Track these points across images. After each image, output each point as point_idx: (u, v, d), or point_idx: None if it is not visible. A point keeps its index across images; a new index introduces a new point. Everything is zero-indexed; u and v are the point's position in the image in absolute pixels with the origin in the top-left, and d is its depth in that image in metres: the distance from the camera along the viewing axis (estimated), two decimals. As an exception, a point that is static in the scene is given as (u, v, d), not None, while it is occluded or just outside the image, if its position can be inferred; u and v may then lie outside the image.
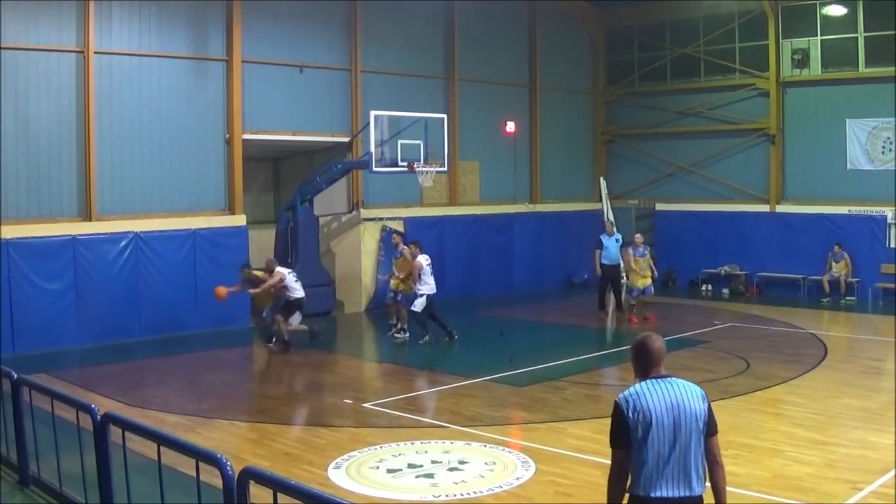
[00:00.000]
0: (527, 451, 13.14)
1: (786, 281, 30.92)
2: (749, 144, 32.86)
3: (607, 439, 14.36)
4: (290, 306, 21.01)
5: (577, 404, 16.46)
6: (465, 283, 29.72)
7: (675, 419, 6.52)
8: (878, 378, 18.82)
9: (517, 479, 11.89)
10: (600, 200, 34.91)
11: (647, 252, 25.60)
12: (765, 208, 32.08)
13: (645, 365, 6.86)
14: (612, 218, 33.06)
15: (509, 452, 13.07)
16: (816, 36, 31.30)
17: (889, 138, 29.80)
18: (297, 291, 20.99)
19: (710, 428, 6.64)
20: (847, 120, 30.60)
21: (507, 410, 16.49)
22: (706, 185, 33.52)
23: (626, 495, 6.84)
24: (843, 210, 30.19)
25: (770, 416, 16.13)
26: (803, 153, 31.72)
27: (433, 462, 12.56)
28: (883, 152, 30.02)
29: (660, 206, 34.27)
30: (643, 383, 6.76)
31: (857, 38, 30.46)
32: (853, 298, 29.49)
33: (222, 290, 21.03)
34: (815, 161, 31.33)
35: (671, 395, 6.62)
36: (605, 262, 26.55)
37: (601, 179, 35.09)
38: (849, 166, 30.73)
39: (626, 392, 6.83)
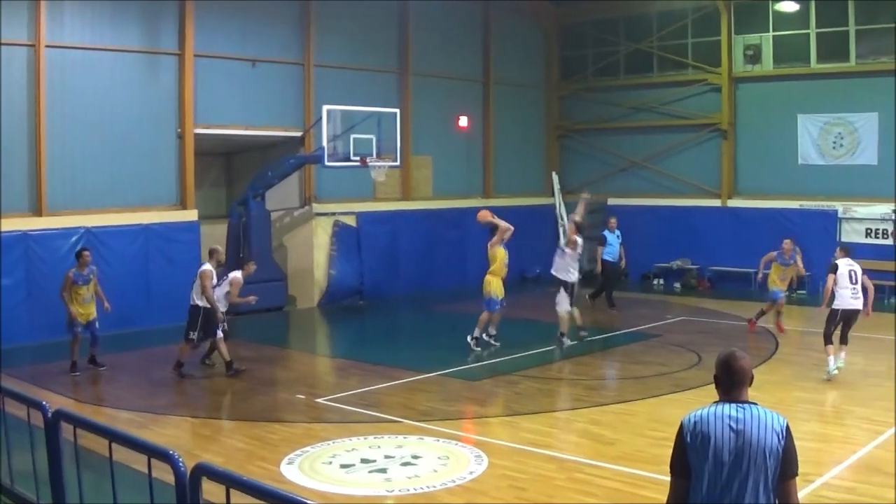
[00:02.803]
0: (480, 445, 13.20)
1: (737, 275, 31.12)
2: (701, 139, 33.07)
3: (560, 433, 14.52)
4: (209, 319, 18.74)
5: (531, 398, 16.51)
6: (418, 278, 29.76)
7: (738, 452, 5.77)
8: (821, 372, 18.96)
9: (470, 473, 11.92)
10: (553, 195, 35.01)
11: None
12: (716, 203, 32.30)
13: (723, 384, 6.07)
14: (563, 212, 33.17)
15: (462, 447, 13.11)
16: (768, 32, 31.60)
17: (840, 133, 30.10)
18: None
19: (786, 469, 5.78)
20: (799, 115, 30.90)
21: (461, 405, 16.51)
22: (659, 179, 33.69)
23: None
24: (794, 205, 30.44)
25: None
26: (755, 148, 31.98)
27: (386, 457, 12.58)
28: (834, 147, 30.32)
29: (612, 201, 34.35)
30: (714, 405, 6.01)
31: (808, 34, 30.75)
32: (804, 292, 29.69)
33: None
34: (767, 156, 31.61)
35: (739, 422, 5.83)
36: (607, 258, 26.70)
37: (553, 174, 35.17)
38: (800, 161, 31.02)
39: (694, 412, 6.07)
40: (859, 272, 18.89)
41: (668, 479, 11.03)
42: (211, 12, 25.14)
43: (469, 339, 20.50)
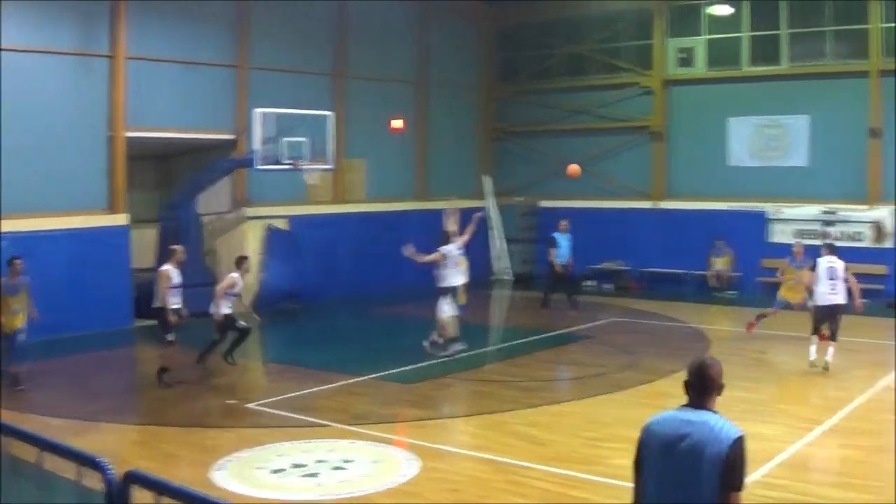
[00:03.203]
0: (414, 447, 13.18)
1: (669, 276, 31.34)
2: (634, 142, 33.32)
3: (494, 434, 14.55)
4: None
5: (464, 400, 16.58)
6: (352, 281, 29.64)
7: (684, 456, 5.83)
8: (760, 370, 19.18)
9: (403, 476, 11.91)
10: (485, 198, 35.09)
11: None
12: (648, 204, 32.54)
13: (691, 390, 6.22)
14: (491, 214, 33.31)
15: (395, 450, 13.10)
16: (701, 35, 31.95)
17: (771, 135, 30.46)
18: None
19: (726, 480, 5.72)
20: (730, 118, 31.27)
21: (395, 408, 16.47)
22: (592, 181, 33.79)
23: None
24: (724, 206, 30.77)
25: (655, 409, 15.96)
26: (687, 150, 32.31)
27: (318, 461, 12.53)
28: (765, 149, 30.66)
29: (545, 203, 34.50)
30: (676, 409, 6.18)
31: (741, 37, 31.12)
32: (735, 292, 30.00)
33: None
34: (699, 158, 31.95)
35: (690, 427, 5.92)
36: (557, 259, 26.73)
37: (485, 177, 35.23)
38: (731, 163, 31.41)
39: (657, 414, 6.31)
40: (840, 269, 19.05)
41: (601, 479, 11.17)
42: (144, 14, 24.87)
43: (426, 343, 20.48)
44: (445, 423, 14.93)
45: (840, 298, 19.00)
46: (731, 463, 5.74)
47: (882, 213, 28.68)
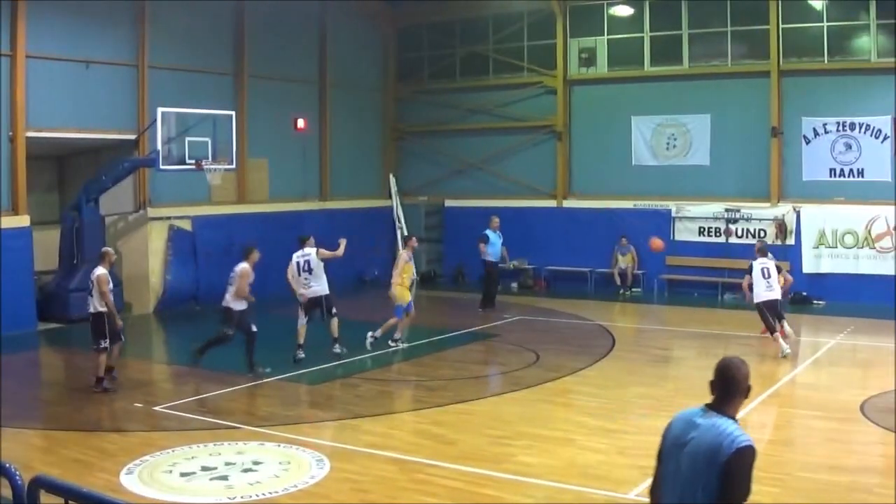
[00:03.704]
0: (321, 449, 13.14)
1: (573, 274, 31.59)
2: (537, 141, 33.48)
3: (401, 434, 14.56)
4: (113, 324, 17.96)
5: (371, 401, 16.53)
6: (255, 282, 29.27)
7: (687, 457, 5.85)
8: (665, 366, 19.42)
9: (312, 477, 11.87)
10: (390, 197, 35.09)
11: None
12: (552, 204, 32.73)
13: (715, 390, 6.13)
14: (400, 214, 33.33)
15: (304, 451, 13.03)
16: (603, 35, 32.24)
17: (673, 135, 30.85)
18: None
19: (724, 490, 5.64)
20: (632, 117, 31.60)
21: (301, 409, 16.44)
22: (495, 181, 33.98)
23: None
24: (628, 205, 31.11)
25: (561, 406, 16.49)
26: (589, 149, 32.58)
27: (227, 464, 12.44)
28: (667, 148, 31.07)
29: (449, 203, 34.60)
30: (697, 408, 6.11)
31: (642, 37, 31.44)
32: (639, 290, 30.36)
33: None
34: (601, 157, 32.24)
35: (698, 430, 5.90)
36: (490, 258, 26.74)
37: (390, 176, 35.25)
38: (634, 162, 31.71)
39: (684, 410, 6.23)
40: (772, 268, 20.34)
41: (510, 477, 11.26)
42: (43, 13, 24.48)
43: (369, 335, 20.78)
44: (352, 423, 14.88)
45: (775, 293, 20.29)
46: (731, 472, 5.64)
47: (784, 210, 29.14)
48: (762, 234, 29.38)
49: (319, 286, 20.51)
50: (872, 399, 16.25)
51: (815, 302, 27.90)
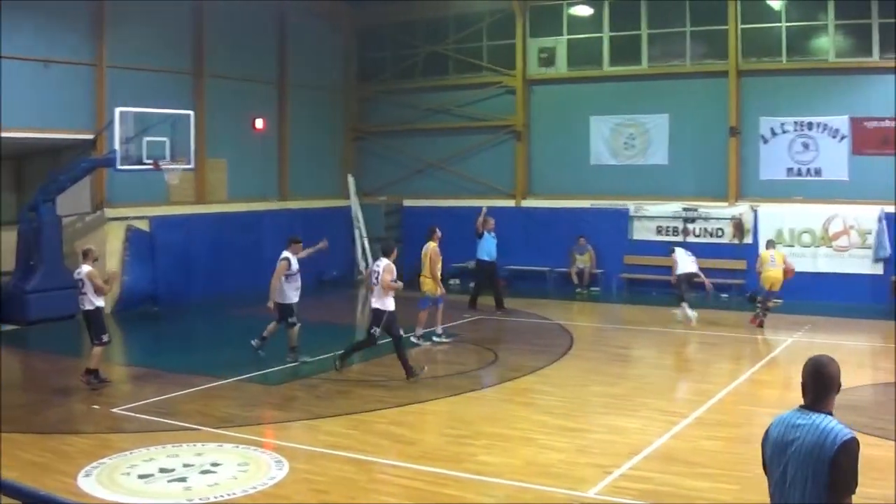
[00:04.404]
0: (280, 450, 13.09)
1: (533, 273, 31.65)
2: (496, 141, 33.55)
3: (360, 434, 14.51)
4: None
5: (330, 401, 16.48)
6: (214, 283, 29.29)
7: (791, 458, 5.88)
8: (624, 365, 19.47)
9: (271, 478, 11.82)
10: (349, 198, 35.03)
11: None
12: (511, 203, 32.79)
13: (807, 391, 6.17)
14: (359, 215, 33.28)
15: (263, 452, 12.98)
16: (563, 35, 32.30)
17: (632, 134, 30.99)
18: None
19: (836, 483, 5.68)
20: (591, 117, 31.72)
21: (260, 410, 16.35)
22: (455, 181, 34.00)
23: None
24: (587, 204, 31.23)
25: (521, 405, 16.49)
26: (549, 149, 32.70)
27: (185, 465, 12.37)
28: (626, 148, 31.25)
29: (408, 203, 34.58)
30: (792, 411, 6.14)
31: (602, 37, 31.56)
32: (598, 289, 30.44)
33: None
34: (561, 157, 32.38)
35: (798, 430, 5.92)
36: (484, 257, 26.72)
37: (349, 177, 35.19)
38: (593, 162, 31.85)
39: (779, 415, 6.24)
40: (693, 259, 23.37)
41: (470, 476, 11.24)
42: (1, 12, 24.33)
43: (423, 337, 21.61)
44: (311, 424, 14.83)
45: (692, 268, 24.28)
46: (840, 466, 5.68)
47: (741, 209, 29.32)
48: (720, 233, 29.57)
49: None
50: (830, 396, 16.33)
51: (772, 300, 28.00)
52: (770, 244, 24.66)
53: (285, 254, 19.81)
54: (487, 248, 26.99)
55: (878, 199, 27.78)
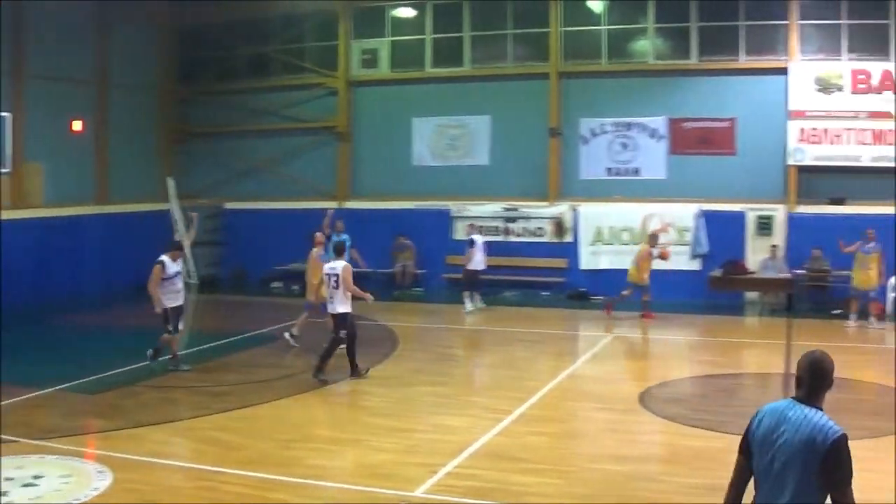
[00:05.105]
0: (104, 460, 12.81)
1: (357, 274, 31.21)
2: (320, 143, 33.51)
3: (186, 441, 14.33)
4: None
5: (154, 409, 16.20)
6: (30, 289, 28.55)
7: (780, 450, 6.03)
8: (450, 364, 19.59)
9: (95, 489, 11.58)
10: (169, 200, 34.54)
11: None
12: (334, 205, 32.64)
13: (801, 384, 6.23)
14: (178, 217, 32.84)
15: (86, 463, 12.72)
16: (386, 37, 32.39)
17: (454, 135, 31.26)
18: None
19: (829, 478, 5.88)
20: (414, 118, 31.85)
21: (83, 419, 15.97)
22: (278, 183, 33.80)
23: None
24: (410, 205, 31.33)
25: (348, 407, 16.52)
26: (372, 151, 32.81)
27: (6, 479, 12.04)
28: (448, 149, 31.47)
29: (230, 205, 34.27)
30: (785, 401, 6.25)
31: (424, 39, 31.74)
32: (421, 289, 30.58)
33: None
34: (383, 158, 32.52)
35: (789, 423, 6.04)
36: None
37: (169, 179, 34.69)
38: (415, 163, 31.97)
39: (770, 403, 6.35)
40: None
41: (298, 480, 11.19)
42: None
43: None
44: (135, 432, 14.55)
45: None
46: (833, 462, 5.86)
47: (562, 209, 29.80)
48: (541, 232, 30.03)
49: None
50: (650, 389, 16.87)
51: (592, 297, 28.52)
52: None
53: (162, 257, 19.19)
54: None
55: (696, 197, 28.62)
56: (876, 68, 27.75)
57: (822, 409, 6.12)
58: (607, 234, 29.58)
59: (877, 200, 27.08)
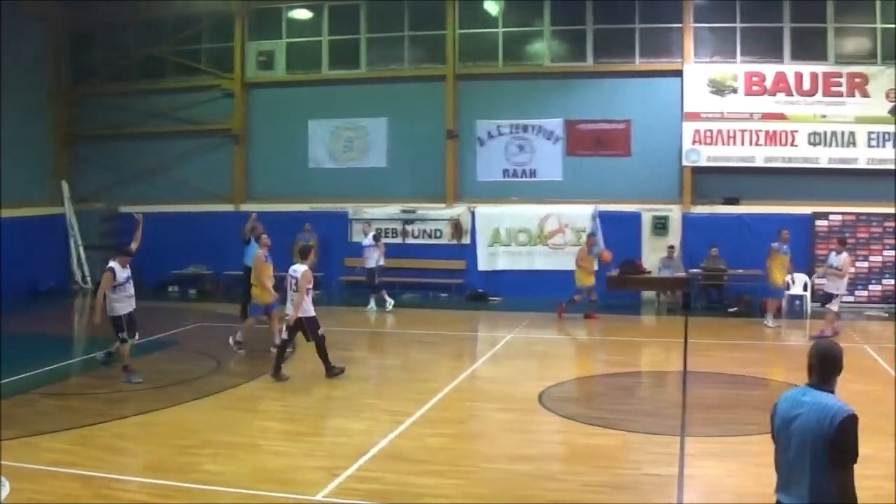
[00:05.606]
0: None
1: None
2: (215, 145, 33.30)
3: (83, 450, 14.12)
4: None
5: (50, 416, 15.93)
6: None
7: (795, 433, 6.52)
8: (349, 367, 19.43)
9: (-10, 500, 11.41)
10: (63, 204, 34.02)
11: None
12: (230, 208, 32.55)
13: (812, 371, 6.70)
14: (74, 222, 32.39)
15: (-21, 473, 12.50)
16: (282, 38, 32.30)
17: (350, 137, 31.25)
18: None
19: (834, 456, 6.34)
20: (310, 120, 31.79)
21: (-25, 428, 15.73)
22: (172, 186, 33.49)
23: None
24: (306, 207, 31.23)
25: (246, 411, 16.35)
26: (268, 153, 32.69)
27: None
28: (345, 151, 31.48)
29: (126, 209, 33.82)
30: (799, 388, 6.72)
31: (321, 41, 31.69)
32: (318, 291, 30.41)
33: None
34: (280, 160, 32.43)
35: (803, 406, 6.53)
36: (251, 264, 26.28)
37: (63, 182, 34.19)
38: (311, 165, 31.91)
39: (786, 392, 6.87)
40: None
41: (197, 486, 11.10)
42: None
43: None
44: (31, 441, 14.29)
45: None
46: (841, 440, 6.29)
47: (459, 211, 29.91)
48: (439, 234, 30.09)
49: None
50: (550, 389, 16.97)
51: (491, 298, 28.67)
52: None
53: (111, 264, 18.61)
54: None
55: (592, 197, 28.88)
56: (770, 70, 28.31)
57: (833, 393, 6.58)
58: (505, 235, 29.78)
59: (770, 200, 27.62)
